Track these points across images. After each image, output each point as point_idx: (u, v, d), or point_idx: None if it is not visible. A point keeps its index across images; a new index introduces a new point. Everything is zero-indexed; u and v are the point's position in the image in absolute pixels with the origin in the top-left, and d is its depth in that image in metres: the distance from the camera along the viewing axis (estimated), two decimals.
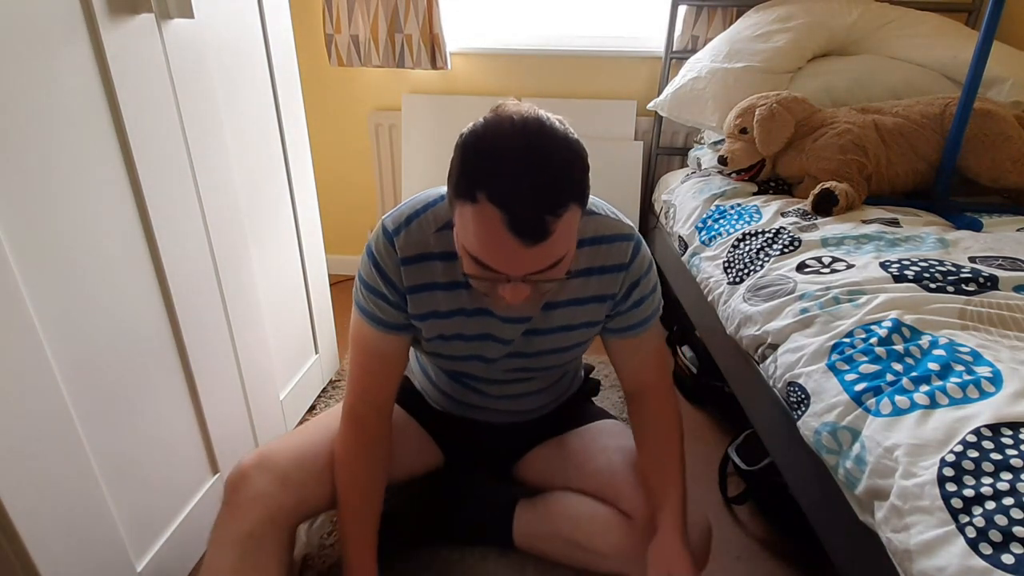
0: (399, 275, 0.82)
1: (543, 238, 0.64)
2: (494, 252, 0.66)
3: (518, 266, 0.67)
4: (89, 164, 0.79)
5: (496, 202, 0.62)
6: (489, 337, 0.88)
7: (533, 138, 0.64)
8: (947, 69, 1.66)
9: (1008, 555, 0.55)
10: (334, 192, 2.25)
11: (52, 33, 0.73)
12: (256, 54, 1.19)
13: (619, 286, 0.87)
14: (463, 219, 0.67)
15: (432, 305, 0.84)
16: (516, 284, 0.69)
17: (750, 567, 1.14)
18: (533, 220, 0.63)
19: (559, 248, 0.67)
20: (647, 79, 2.07)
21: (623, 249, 0.85)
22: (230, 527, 0.81)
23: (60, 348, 0.76)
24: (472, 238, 0.66)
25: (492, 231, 0.64)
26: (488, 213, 0.63)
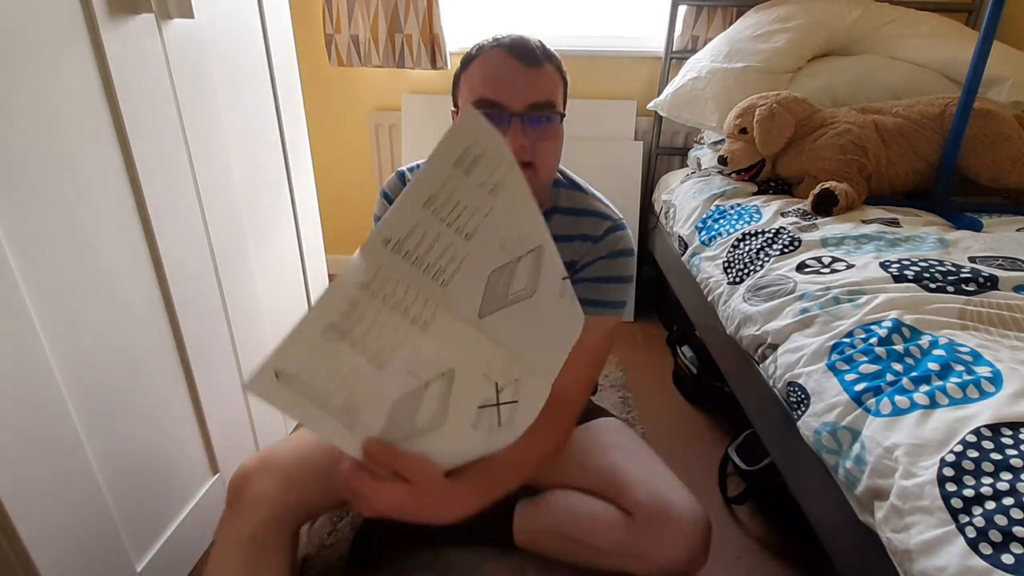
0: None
1: (536, 64, 0.78)
2: (498, 78, 0.78)
3: (520, 91, 0.77)
4: (89, 164, 0.79)
5: (498, 44, 0.79)
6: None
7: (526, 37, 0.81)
8: (947, 69, 1.66)
9: (1008, 555, 0.55)
10: (334, 192, 2.25)
11: (52, 33, 0.73)
12: (256, 54, 1.19)
13: (581, 255, 0.92)
14: (470, 78, 0.80)
15: None
16: (517, 125, 0.78)
17: (750, 567, 1.14)
18: (528, 47, 0.78)
19: (550, 88, 0.80)
20: (647, 79, 2.07)
21: (598, 224, 0.92)
22: (234, 529, 0.81)
23: (60, 348, 0.76)
24: (478, 81, 0.79)
25: (495, 61, 0.78)
26: (491, 53, 0.79)
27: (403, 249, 0.56)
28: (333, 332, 0.56)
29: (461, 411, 0.64)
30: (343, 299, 0.55)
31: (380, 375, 0.59)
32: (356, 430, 0.60)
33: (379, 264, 0.56)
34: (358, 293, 0.56)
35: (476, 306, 0.62)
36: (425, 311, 0.59)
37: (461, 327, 0.61)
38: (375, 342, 0.58)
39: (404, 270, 0.57)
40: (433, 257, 0.58)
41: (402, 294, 0.57)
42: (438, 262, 0.58)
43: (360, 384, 0.58)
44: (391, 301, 0.57)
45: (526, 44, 0.79)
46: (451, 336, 0.61)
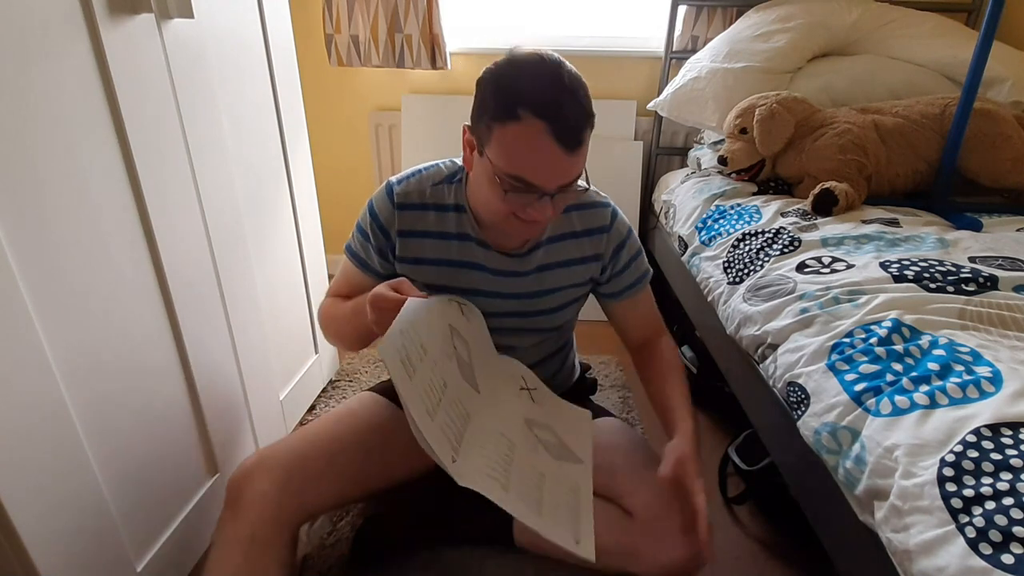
0: (393, 220, 0.91)
1: (579, 146, 0.74)
2: (537, 163, 0.73)
3: (557, 176, 0.75)
4: (89, 164, 0.79)
5: (541, 114, 0.70)
6: (478, 293, 0.94)
7: (561, 67, 0.74)
8: (947, 69, 1.66)
9: (1008, 555, 0.55)
10: (334, 192, 2.25)
11: (52, 33, 0.73)
12: (256, 54, 1.19)
13: (604, 247, 0.96)
14: (503, 139, 0.73)
15: (418, 251, 0.92)
16: (545, 206, 0.77)
17: (750, 567, 1.14)
18: (574, 129, 0.72)
19: (583, 161, 0.77)
20: (647, 79, 2.07)
21: (603, 214, 0.96)
22: (233, 529, 0.81)
23: (60, 348, 0.76)
24: (514, 155, 0.73)
25: (537, 142, 0.71)
26: (533, 126, 0.71)
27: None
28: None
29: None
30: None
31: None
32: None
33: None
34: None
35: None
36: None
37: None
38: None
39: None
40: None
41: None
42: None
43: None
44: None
45: (571, 122, 0.72)
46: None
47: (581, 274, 0.97)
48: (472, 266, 0.92)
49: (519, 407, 0.86)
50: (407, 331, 0.72)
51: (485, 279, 0.93)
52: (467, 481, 0.69)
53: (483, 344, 0.89)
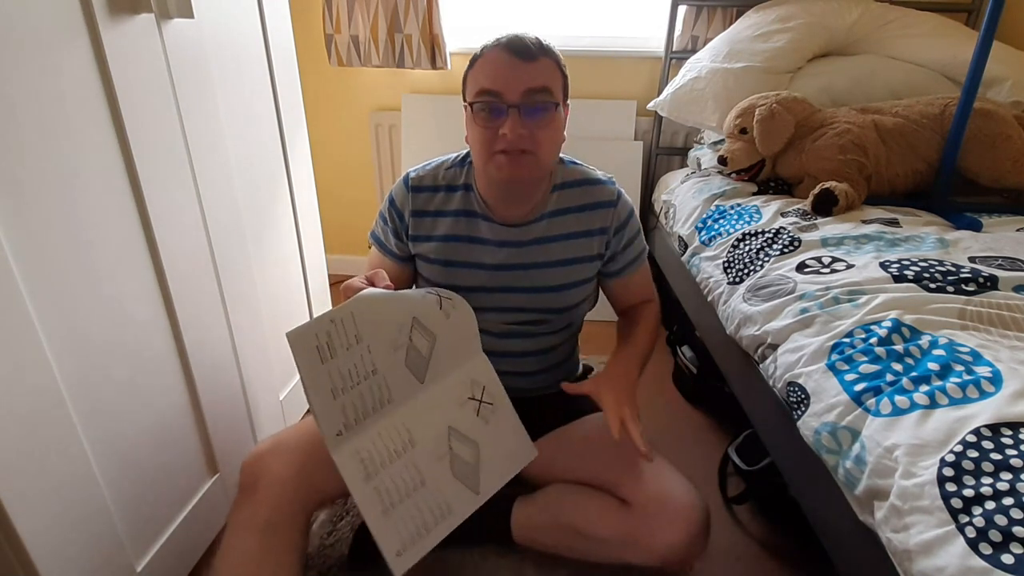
0: (407, 202, 0.99)
1: (531, 58, 0.84)
2: (494, 73, 0.85)
3: (514, 81, 0.84)
4: (89, 164, 0.79)
5: (497, 44, 0.86)
6: (483, 266, 0.98)
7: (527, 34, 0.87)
8: (947, 69, 1.66)
9: (1008, 555, 0.55)
10: (334, 192, 2.25)
11: (52, 33, 0.73)
12: (256, 54, 1.19)
13: (610, 220, 0.99)
14: (474, 74, 0.88)
15: (430, 229, 0.99)
16: (514, 115, 0.84)
17: (750, 567, 1.14)
18: (522, 43, 0.84)
19: (545, 77, 0.85)
20: (647, 79, 2.07)
21: (609, 190, 1.00)
22: (248, 512, 0.82)
23: (60, 348, 0.76)
24: (480, 75, 0.87)
25: (494, 60, 0.86)
26: (491, 52, 0.86)
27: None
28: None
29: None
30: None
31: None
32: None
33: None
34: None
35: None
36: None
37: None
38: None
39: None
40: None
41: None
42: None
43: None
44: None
45: (522, 40, 0.85)
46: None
47: (586, 247, 1.00)
48: (476, 240, 0.97)
49: (452, 414, 0.86)
50: (342, 319, 0.76)
51: (488, 251, 0.97)
52: (335, 455, 0.75)
53: (458, 342, 0.88)
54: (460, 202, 0.98)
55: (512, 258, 0.98)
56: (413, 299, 0.85)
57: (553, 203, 0.98)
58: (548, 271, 0.99)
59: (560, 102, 0.89)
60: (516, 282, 0.98)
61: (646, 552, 0.87)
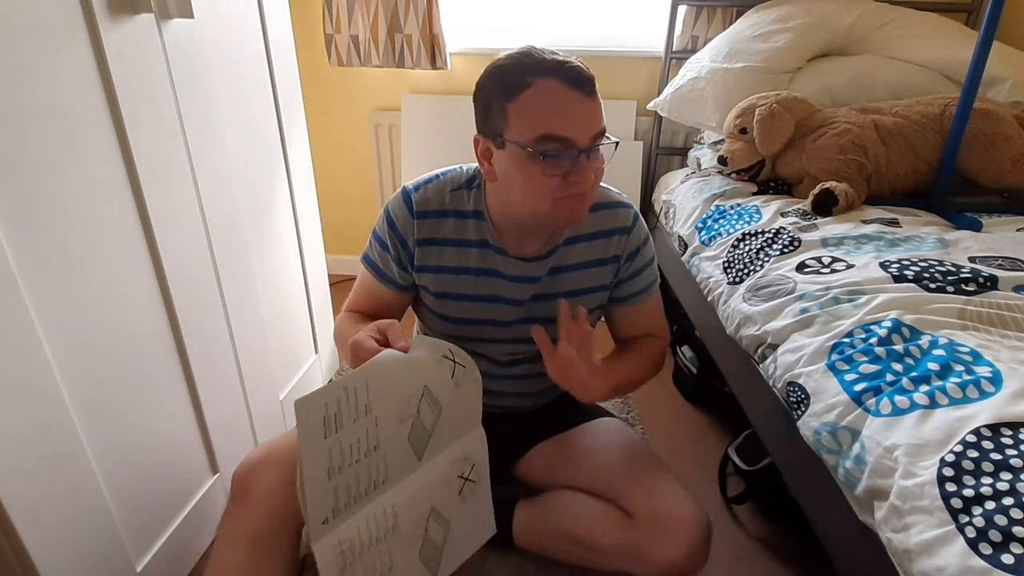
0: (411, 229, 0.89)
1: (594, 89, 0.76)
2: (563, 114, 0.74)
3: (584, 123, 0.75)
4: (89, 164, 0.79)
5: (549, 72, 0.73)
6: (498, 300, 0.91)
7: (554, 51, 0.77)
8: (947, 69, 1.66)
9: (1008, 555, 0.55)
10: (334, 192, 2.25)
11: (52, 33, 0.73)
12: (256, 54, 1.19)
13: (622, 248, 0.93)
14: (523, 111, 0.75)
15: (439, 260, 0.90)
16: (584, 166, 0.76)
17: (750, 567, 1.14)
18: (583, 75, 0.74)
19: (601, 112, 0.78)
20: (647, 79, 2.07)
21: (625, 215, 0.93)
22: (238, 523, 0.81)
23: (60, 348, 0.76)
24: (538, 116, 0.74)
25: (556, 96, 0.73)
26: (545, 84, 0.73)
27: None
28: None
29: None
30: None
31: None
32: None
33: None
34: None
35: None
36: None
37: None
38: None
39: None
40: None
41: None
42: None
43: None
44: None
45: (580, 72, 0.75)
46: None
47: (599, 277, 0.94)
48: (491, 272, 0.91)
49: (438, 494, 0.81)
50: (356, 387, 0.69)
51: (504, 286, 0.91)
52: (316, 547, 0.68)
53: (462, 415, 0.82)
54: (473, 232, 0.89)
55: (521, 293, 0.92)
56: (427, 365, 0.77)
57: (569, 230, 0.91)
58: (555, 303, 0.91)
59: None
60: (529, 315, 0.93)
61: (646, 565, 0.87)
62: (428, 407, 0.77)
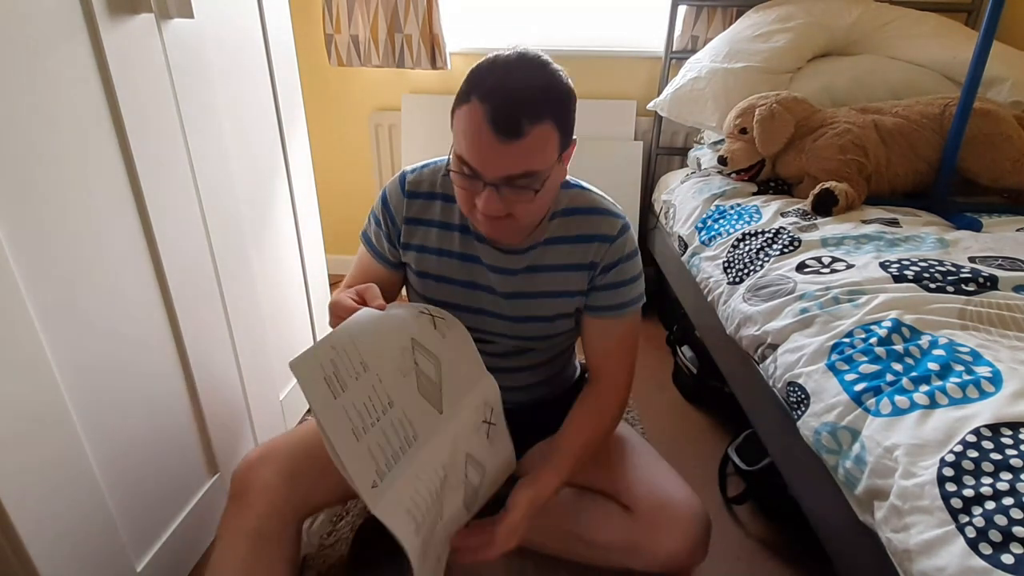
0: (402, 207, 0.91)
1: (516, 136, 0.70)
2: (474, 146, 0.72)
3: (493, 163, 0.72)
4: (89, 164, 0.79)
5: (482, 98, 0.70)
6: (478, 287, 0.91)
7: (530, 59, 0.74)
8: (947, 69, 1.66)
9: (1008, 555, 0.55)
10: (334, 192, 2.25)
11: (52, 33, 0.73)
12: (256, 54, 1.19)
13: (601, 256, 0.89)
14: (457, 123, 0.74)
15: (423, 239, 0.91)
16: (491, 192, 0.74)
17: (750, 567, 1.14)
18: (510, 116, 0.69)
19: (532, 158, 0.72)
20: (647, 79, 2.07)
21: (611, 223, 0.89)
22: (238, 522, 0.82)
23: (60, 348, 0.76)
24: (459, 136, 0.74)
25: (475, 124, 0.71)
26: (475, 108, 0.71)
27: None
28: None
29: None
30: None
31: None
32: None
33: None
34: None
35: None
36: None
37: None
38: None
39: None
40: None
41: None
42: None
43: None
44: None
45: (513, 110, 0.69)
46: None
47: (575, 281, 0.91)
48: (472, 259, 0.90)
49: (471, 441, 0.81)
50: (344, 346, 0.68)
51: (483, 273, 0.91)
52: (381, 511, 0.66)
53: (461, 363, 0.82)
54: (457, 216, 0.90)
55: (499, 284, 0.91)
56: (407, 319, 0.78)
57: (551, 230, 0.89)
58: (533, 301, 0.91)
59: (549, 171, 0.76)
60: (498, 309, 0.92)
61: (647, 559, 0.87)
62: (424, 358, 0.77)
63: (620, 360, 0.96)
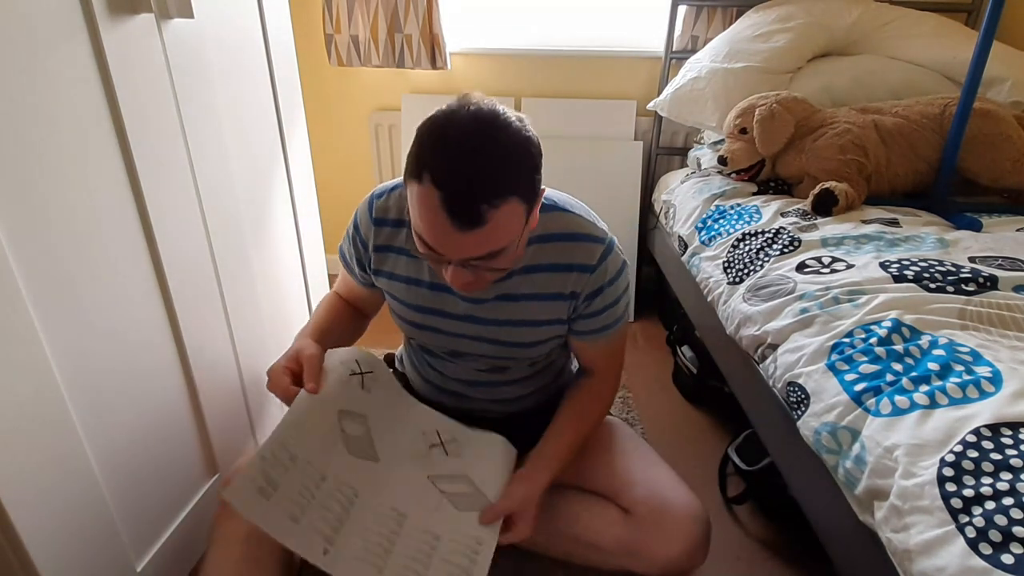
0: (370, 233, 0.89)
1: (477, 224, 0.65)
2: (432, 232, 0.68)
3: (454, 249, 0.69)
4: (89, 164, 0.79)
5: (436, 183, 0.64)
6: (449, 315, 0.90)
7: (484, 126, 0.66)
8: (947, 69, 1.66)
9: (1008, 555, 0.55)
10: (334, 192, 2.24)
11: (52, 33, 0.73)
12: (256, 54, 1.19)
13: (582, 287, 0.85)
14: (411, 197, 0.69)
15: (393, 267, 0.90)
16: (457, 268, 0.72)
17: (750, 567, 1.14)
18: (468, 205, 0.64)
19: (497, 238, 0.68)
20: (647, 79, 2.07)
21: (591, 250, 0.84)
22: (230, 526, 0.82)
23: (60, 348, 0.76)
24: (416, 217, 0.69)
25: (431, 211, 0.66)
26: (428, 193, 0.65)
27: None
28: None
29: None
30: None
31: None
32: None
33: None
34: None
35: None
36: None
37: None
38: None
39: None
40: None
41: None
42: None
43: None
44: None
45: (470, 198, 0.64)
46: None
47: (555, 311, 0.87)
48: (441, 288, 0.87)
49: (424, 466, 0.85)
50: (273, 451, 0.74)
51: (454, 302, 0.88)
52: (340, 571, 0.71)
53: (388, 408, 0.86)
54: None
55: (476, 312, 0.88)
56: (335, 394, 0.81)
57: (527, 258, 0.84)
58: (511, 329, 0.88)
59: (517, 239, 0.72)
60: (475, 333, 0.90)
61: (646, 562, 0.87)
62: (351, 422, 0.81)
63: (609, 362, 0.98)
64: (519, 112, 0.70)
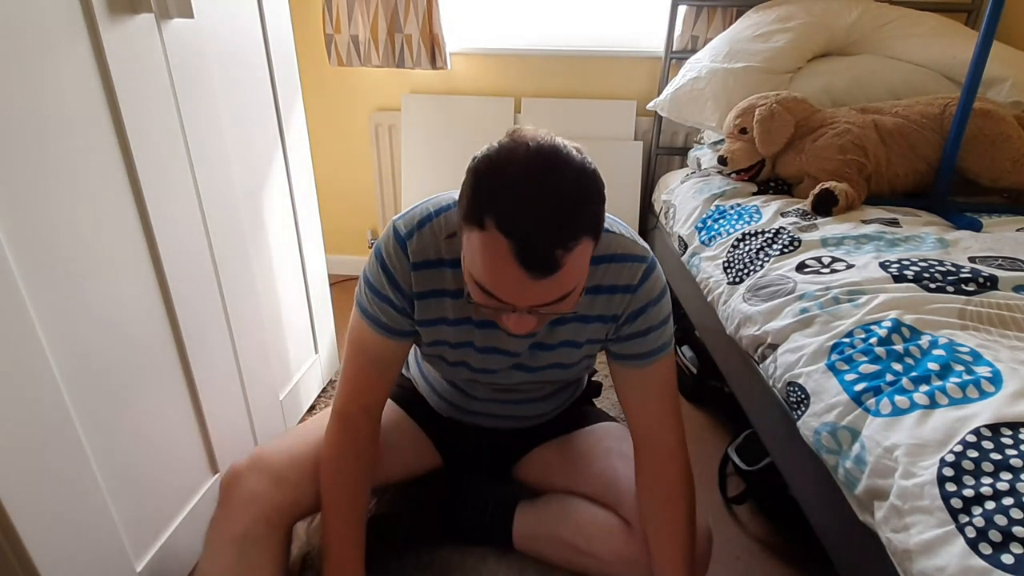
0: (409, 280, 0.79)
1: (552, 271, 0.61)
2: (500, 282, 0.63)
3: (524, 298, 0.64)
4: (89, 164, 0.79)
5: (504, 231, 0.59)
6: (496, 351, 0.87)
7: (547, 165, 0.60)
8: (947, 69, 1.66)
9: (1008, 555, 0.55)
10: (334, 192, 2.25)
11: (52, 33, 0.73)
12: (256, 54, 1.19)
13: (624, 307, 0.82)
14: (470, 244, 0.64)
15: (440, 312, 0.82)
16: (522, 315, 0.67)
17: (750, 567, 1.14)
18: (543, 252, 0.59)
19: (569, 282, 0.64)
20: (647, 79, 2.07)
21: (633, 271, 0.81)
22: (225, 528, 0.82)
23: (60, 348, 0.76)
24: (479, 266, 0.64)
25: (499, 260, 0.61)
26: (496, 241, 0.60)
27: None
28: None
29: None
30: None
31: None
32: None
33: None
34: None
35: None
36: None
37: None
38: None
39: None
40: None
41: None
42: None
43: None
44: None
45: (545, 246, 0.59)
46: None
47: (597, 332, 0.85)
48: (490, 324, 0.83)
49: None
50: None
51: (501, 337, 0.84)
52: None
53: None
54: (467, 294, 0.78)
55: (520, 344, 0.85)
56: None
57: None
58: (553, 352, 0.87)
59: (586, 275, 0.68)
60: (518, 362, 0.88)
61: (648, 573, 0.86)
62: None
63: (663, 417, 0.87)
64: (573, 142, 0.65)
